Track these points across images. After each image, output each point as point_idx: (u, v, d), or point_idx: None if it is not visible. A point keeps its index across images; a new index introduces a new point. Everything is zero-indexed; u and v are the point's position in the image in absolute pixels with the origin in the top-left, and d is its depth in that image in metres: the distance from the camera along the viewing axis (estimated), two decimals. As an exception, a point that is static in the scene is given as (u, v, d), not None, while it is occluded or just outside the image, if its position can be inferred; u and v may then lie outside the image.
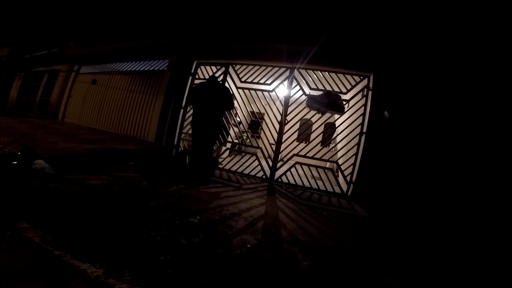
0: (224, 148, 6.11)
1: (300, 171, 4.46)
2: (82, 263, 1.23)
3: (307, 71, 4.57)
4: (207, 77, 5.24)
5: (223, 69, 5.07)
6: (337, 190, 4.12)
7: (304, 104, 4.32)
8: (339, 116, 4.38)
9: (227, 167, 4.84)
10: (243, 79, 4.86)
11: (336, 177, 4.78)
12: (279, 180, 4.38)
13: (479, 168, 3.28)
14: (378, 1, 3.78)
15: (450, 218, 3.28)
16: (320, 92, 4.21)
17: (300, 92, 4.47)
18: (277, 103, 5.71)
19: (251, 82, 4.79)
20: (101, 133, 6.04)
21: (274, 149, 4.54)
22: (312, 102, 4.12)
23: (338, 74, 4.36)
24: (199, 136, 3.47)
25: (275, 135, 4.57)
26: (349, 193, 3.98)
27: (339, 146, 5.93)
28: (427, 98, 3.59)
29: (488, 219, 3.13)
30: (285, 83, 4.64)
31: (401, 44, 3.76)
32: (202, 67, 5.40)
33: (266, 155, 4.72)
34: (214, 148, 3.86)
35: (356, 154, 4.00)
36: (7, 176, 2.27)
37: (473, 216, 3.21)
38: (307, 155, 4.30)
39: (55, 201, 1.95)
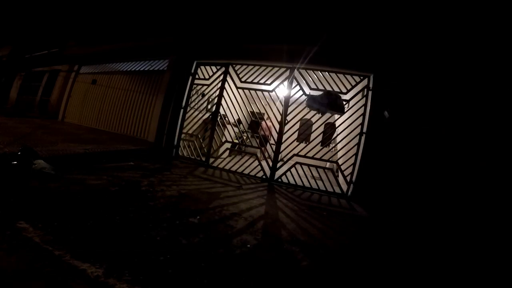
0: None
1: (300, 171, 4.46)
2: (82, 263, 1.23)
3: (307, 71, 4.57)
4: (207, 77, 5.27)
5: (223, 69, 5.07)
6: (337, 190, 4.12)
7: (304, 104, 4.32)
8: (339, 116, 4.37)
9: (227, 167, 4.84)
10: (243, 79, 4.86)
11: (336, 177, 4.77)
12: (279, 180, 4.38)
13: (477, 168, 3.28)
14: (378, 2, 3.78)
15: (450, 217, 3.28)
16: (320, 92, 4.20)
17: (300, 92, 4.47)
18: (277, 103, 5.71)
19: (251, 82, 4.79)
20: (101, 133, 6.04)
21: (274, 149, 4.54)
22: (312, 102, 4.12)
23: (338, 74, 4.36)
24: None
25: (275, 135, 4.57)
26: (349, 193, 3.98)
27: (339, 146, 5.93)
28: (427, 98, 3.59)
29: (487, 218, 3.13)
30: (285, 83, 4.64)
31: (401, 44, 3.76)
32: (202, 67, 5.40)
33: (266, 155, 4.72)
34: None
35: (356, 154, 3.99)
36: (7, 176, 2.27)
37: (472, 216, 3.21)
38: (307, 155, 4.29)
39: (55, 201, 1.95)
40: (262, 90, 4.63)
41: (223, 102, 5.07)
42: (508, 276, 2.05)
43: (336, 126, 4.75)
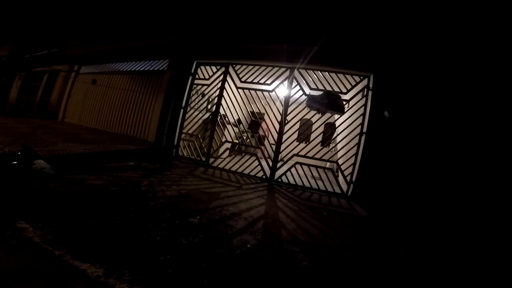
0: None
1: (300, 171, 4.46)
2: (82, 263, 1.23)
3: (307, 71, 4.57)
4: (207, 77, 5.27)
5: (223, 69, 5.07)
6: (337, 190, 4.12)
7: (304, 104, 4.32)
8: (339, 116, 4.37)
9: (227, 167, 4.84)
10: (243, 79, 4.86)
11: (336, 177, 4.77)
12: (279, 180, 4.38)
13: (477, 168, 3.28)
14: (378, 2, 3.78)
15: (450, 217, 3.28)
16: (320, 92, 4.20)
17: (300, 92, 4.47)
18: (277, 103, 5.71)
19: (251, 82, 4.79)
20: (101, 133, 6.04)
21: (274, 149, 4.54)
22: (312, 102, 4.12)
23: (338, 74, 4.36)
24: None
25: (275, 135, 4.57)
26: (349, 193, 3.98)
27: (339, 146, 5.93)
28: (427, 98, 3.59)
29: (487, 217, 3.13)
30: (285, 83, 4.64)
31: (401, 44, 3.76)
32: (202, 67, 5.40)
33: (266, 155, 4.72)
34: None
35: (356, 154, 3.99)
36: (7, 176, 2.27)
37: (472, 215, 3.21)
38: (307, 155, 4.29)
39: (55, 201, 1.95)
40: (262, 90, 4.63)
41: (223, 102, 5.07)
42: (508, 276, 2.05)
43: (336, 126, 4.75)
